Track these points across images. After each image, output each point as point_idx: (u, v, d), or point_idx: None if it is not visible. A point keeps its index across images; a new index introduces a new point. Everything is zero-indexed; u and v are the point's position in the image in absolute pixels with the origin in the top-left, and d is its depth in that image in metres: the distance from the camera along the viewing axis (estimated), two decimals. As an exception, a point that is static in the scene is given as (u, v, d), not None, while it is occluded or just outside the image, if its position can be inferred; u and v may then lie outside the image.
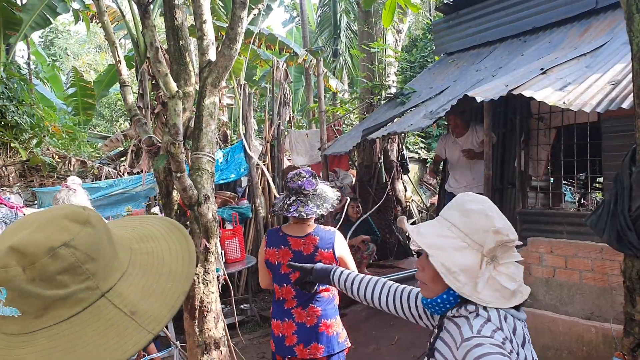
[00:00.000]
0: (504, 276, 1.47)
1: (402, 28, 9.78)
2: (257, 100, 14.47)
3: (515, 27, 6.81)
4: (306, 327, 3.33)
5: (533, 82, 4.51)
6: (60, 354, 0.82)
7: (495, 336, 1.39)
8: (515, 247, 1.53)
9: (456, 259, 1.49)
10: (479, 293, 1.46)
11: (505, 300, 1.47)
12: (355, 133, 6.95)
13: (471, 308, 1.49)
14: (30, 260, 0.84)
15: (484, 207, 1.55)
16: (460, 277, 1.47)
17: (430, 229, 1.59)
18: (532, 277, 5.04)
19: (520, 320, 1.51)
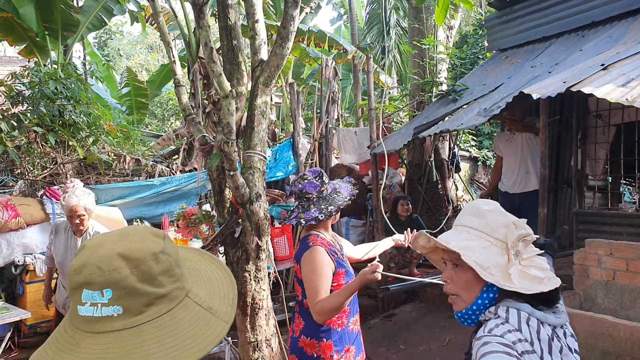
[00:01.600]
0: (532, 269, 1.51)
1: (454, 24, 9.61)
2: (305, 98, 14.54)
3: (572, 22, 6.57)
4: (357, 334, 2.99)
5: (593, 79, 4.34)
6: (170, 339, 0.99)
7: (507, 336, 1.41)
8: (532, 239, 1.58)
9: (486, 256, 1.53)
10: (515, 284, 1.48)
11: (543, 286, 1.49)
12: (406, 131, 6.87)
13: (492, 310, 1.52)
14: (137, 263, 1.00)
15: (496, 207, 1.62)
16: (493, 271, 1.51)
17: (452, 236, 1.63)
18: (590, 279, 4.87)
19: (554, 325, 1.50)
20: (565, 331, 1.54)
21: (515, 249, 1.53)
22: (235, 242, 3.87)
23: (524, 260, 1.52)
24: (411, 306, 6.89)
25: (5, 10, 8.27)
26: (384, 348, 5.68)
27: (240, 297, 3.83)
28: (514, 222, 1.55)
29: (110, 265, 0.99)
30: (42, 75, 8.10)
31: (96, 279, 0.98)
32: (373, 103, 6.83)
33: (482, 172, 13.96)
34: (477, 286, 1.57)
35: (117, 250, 1.01)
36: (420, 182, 8.94)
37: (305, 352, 2.81)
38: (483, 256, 1.53)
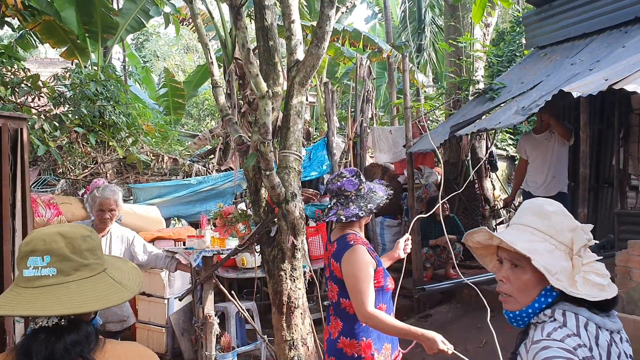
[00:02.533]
0: (592, 274, 1.47)
1: (491, 22, 9.47)
2: (340, 97, 14.54)
3: (614, 17, 6.39)
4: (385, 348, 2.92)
5: (637, 76, 4.22)
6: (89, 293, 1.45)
7: (567, 341, 1.38)
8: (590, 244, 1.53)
9: (552, 260, 1.50)
10: (580, 290, 1.45)
11: (605, 293, 1.46)
12: (442, 130, 6.81)
13: (548, 313, 1.49)
14: (70, 240, 1.48)
15: (560, 208, 1.58)
16: (561, 277, 1.48)
17: (516, 236, 1.57)
18: (634, 281, 4.74)
19: (612, 331, 1.47)
20: (622, 336, 1.50)
21: (578, 254, 1.51)
22: (271, 241, 3.90)
23: (584, 265, 1.49)
24: (447, 307, 6.82)
25: (47, 14, 8.52)
26: (420, 349, 5.63)
27: (276, 296, 3.85)
28: (582, 227, 1.53)
29: (51, 239, 1.45)
30: (83, 77, 8.32)
31: (40, 248, 1.44)
32: (409, 102, 6.79)
33: (519, 171, 13.71)
34: (535, 289, 1.53)
35: (57, 230, 1.49)
36: (457, 181, 8.84)
37: (345, 353, 2.80)
38: (550, 260, 1.50)
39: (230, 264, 6.52)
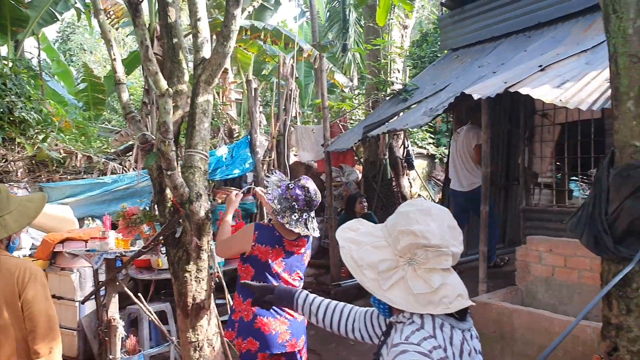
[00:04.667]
0: (418, 281, 1.45)
1: (408, 24, 9.71)
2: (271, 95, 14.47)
3: (520, 22, 6.72)
4: (297, 321, 3.40)
5: (531, 79, 4.45)
6: None
7: (424, 344, 1.39)
8: (449, 255, 1.47)
9: (369, 255, 1.49)
10: (385, 291, 1.45)
11: (420, 306, 1.44)
12: (358, 129, 6.93)
13: (407, 314, 1.48)
14: None
15: (413, 209, 1.52)
16: (366, 272, 1.48)
17: (368, 228, 1.60)
18: (532, 275, 5.00)
19: (463, 329, 1.49)
20: (472, 334, 1.55)
21: (407, 256, 1.47)
22: (176, 242, 3.84)
23: (419, 269, 1.46)
24: (363, 302, 6.95)
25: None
26: (334, 344, 5.73)
27: (180, 298, 3.80)
28: (411, 231, 1.47)
29: None
30: (-10, 72, 7.89)
31: None
32: (326, 102, 6.87)
33: (439, 169, 14.17)
34: None
35: None
36: (376, 179, 9.03)
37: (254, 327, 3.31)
38: (365, 254, 1.50)
39: (145, 264, 6.38)
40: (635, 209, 1.97)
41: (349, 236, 1.57)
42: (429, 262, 1.46)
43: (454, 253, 1.48)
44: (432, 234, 1.46)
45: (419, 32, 17.49)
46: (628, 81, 2.01)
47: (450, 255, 1.46)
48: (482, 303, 4.76)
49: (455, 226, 1.54)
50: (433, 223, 1.48)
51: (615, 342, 2.10)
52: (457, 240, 1.51)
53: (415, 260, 1.46)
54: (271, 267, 3.37)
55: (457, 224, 1.55)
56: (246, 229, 3.43)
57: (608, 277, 2.09)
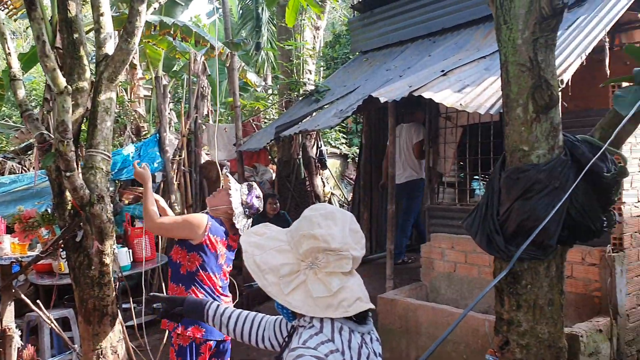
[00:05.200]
0: (318, 284, 1.45)
1: (320, 25, 9.81)
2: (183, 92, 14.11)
3: (425, 28, 6.97)
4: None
5: (434, 83, 4.64)
6: None
7: (320, 348, 1.40)
8: (349, 258, 1.48)
9: (271, 259, 1.50)
10: (286, 295, 1.46)
11: (320, 309, 1.44)
12: (271, 129, 6.94)
13: (307, 318, 1.49)
14: None
15: (316, 214, 1.54)
16: (268, 276, 1.48)
17: (274, 233, 1.61)
18: (435, 272, 5.21)
19: (363, 332, 1.52)
20: (372, 336, 1.58)
21: (309, 260, 1.48)
22: (77, 246, 3.68)
23: (319, 273, 1.46)
24: (273, 303, 6.96)
25: None
26: (245, 345, 5.69)
27: (82, 304, 3.65)
28: (313, 234, 1.47)
29: None
30: None
31: None
32: (238, 101, 6.83)
33: (352, 168, 14.43)
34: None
35: None
36: (289, 179, 9.07)
37: None
38: (268, 258, 1.51)
39: (46, 269, 6.05)
40: (524, 211, 2.10)
41: (253, 240, 1.57)
42: (329, 265, 1.46)
43: (354, 256, 1.49)
44: (333, 237, 1.47)
45: (331, 34, 17.73)
46: (517, 89, 2.14)
47: (350, 258, 1.48)
48: (389, 299, 4.90)
49: (357, 230, 1.56)
50: (335, 227, 1.49)
51: (506, 336, 2.23)
52: (359, 244, 1.53)
53: (316, 264, 1.47)
54: (217, 258, 3.43)
55: (359, 228, 1.58)
56: (199, 217, 3.43)
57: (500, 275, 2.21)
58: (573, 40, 4.59)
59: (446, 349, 4.45)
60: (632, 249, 4.51)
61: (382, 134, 7.73)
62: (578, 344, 3.86)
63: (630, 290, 4.46)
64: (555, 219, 2.05)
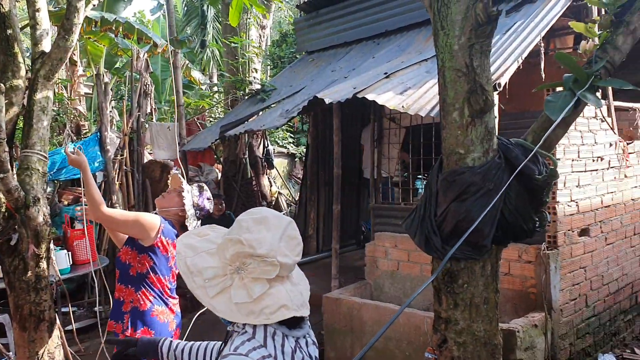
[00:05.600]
0: (241, 290, 1.44)
1: (266, 24, 9.79)
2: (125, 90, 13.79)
3: (370, 30, 7.06)
4: (179, 313, 3.48)
5: (377, 85, 4.72)
6: None
7: (252, 354, 1.40)
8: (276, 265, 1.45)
9: (201, 262, 1.49)
10: (211, 299, 1.44)
11: (241, 315, 1.43)
12: (215, 128, 6.87)
13: (240, 324, 1.48)
14: None
15: (248, 218, 1.52)
16: (196, 278, 1.47)
17: (214, 235, 1.59)
18: (379, 270, 5.30)
19: (297, 337, 1.52)
20: (307, 340, 1.58)
21: (235, 264, 1.46)
22: (11, 250, 3.54)
23: (245, 278, 1.45)
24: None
25: None
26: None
27: (17, 310, 3.52)
28: (239, 239, 1.45)
29: None
30: None
31: None
32: (181, 99, 6.73)
33: (300, 167, 14.47)
34: None
35: None
36: (236, 178, 9.01)
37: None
38: (198, 261, 1.49)
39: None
40: (460, 212, 2.17)
41: (189, 242, 1.54)
42: (255, 271, 1.45)
43: (282, 263, 1.46)
44: (260, 243, 1.45)
45: (278, 33, 17.70)
46: (454, 93, 2.20)
47: (277, 265, 1.45)
48: (334, 299, 4.95)
49: (294, 236, 1.53)
50: (267, 232, 1.47)
51: (444, 334, 2.29)
52: (293, 251, 1.51)
53: (244, 269, 1.45)
54: (168, 260, 3.35)
55: (297, 234, 1.55)
56: (152, 218, 3.28)
57: (438, 275, 2.27)
58: (510, 44, 4.75)
59: (389, 347, 4.54)
60: (566, 247, 4.71)
61: (328, 134, 7.79)
62: (515, 339, 4.01)
63: (563, 286, 4.66)
64: (489, 220, 2.12)
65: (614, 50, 2.27)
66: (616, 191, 5.44)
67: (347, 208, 8.38)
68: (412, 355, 4.34)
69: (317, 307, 5.29)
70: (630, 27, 2.26)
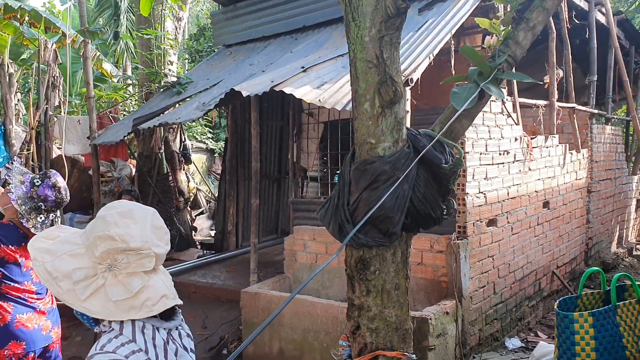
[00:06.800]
0: (118, 287, 1.40)
1: (182, 16, 9.56)
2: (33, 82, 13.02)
3: (288, 24, 7.07)
4: (54, 309, 3.31)
5: (295, 79, 4.73)
6: None
7: (120, 350, 1.36)
8: (152, 256, 1.43)
9: (64, 265, 1.41)
10: (83, 302, 1.38)
11: (121, 312, 1.39)
12: (128, 122, 6.64)
13: (106, 323, 1.43)
14: None
15: (112, 212, 1.46)
16: (62, 283, 1.39)
17: (68, 236, 1.51)
18: (298, 263, 5.32)
19: (169, 328, 1.50)
20: (181, 332, 1.55)
21: (107, 262, 1.40)
22: None
23: (119, 275, 1.40)
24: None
25: None
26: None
27: None
28: (109, 235, 1.40)
29: None
30: None
31: None
32: (92, 91, 6.46)
33: (219, 163, 14.28)
34: None
35: None
36: (151, 174, 8.75)
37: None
38: (61, 264, 1.41)
39: None
40: (371, 200, 2.21)
41: (43, 246, 1.45)
42: (130, 266, 1.41)
43: (157, 254, 1.44)
44: (132, 236, 1.41)
45: (196, 26, 17.35)
46: (365, 84, 2.24)
47: (153, 256, 1.43)
48: (252, 293, 4.92)
49: (160, 226, 1.52)
50: (134, 225, 1.43)
51: (357, 321, 2.33)
52: (163, 240, 1.49)
53: (116, 265, 1.41)
54: (21, 265, 3.15)
55: (162, 224, 1.54)
56: None
57: (350, 262, 2.31)
58: (422, 41, 4.90)
59: (307, 339, 4.57)
60: (475, 237, 4.93)
61: (247, 128, 7.73)
62: (427, 326, 4.15)
63: (473, 275, 4.87)
64: (399, 208, 2.18)
65: (516, 46, 2.39)
66: (521, 183, 5.74)
67: (267, 202, 8.37)
68: (330, 345, 4.39)
69: (236, 302, 5.25)
70: (530, 24, 2.39)
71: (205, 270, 6.95)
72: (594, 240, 7.85)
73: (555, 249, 6.57)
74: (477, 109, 2.39)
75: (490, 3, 5.68)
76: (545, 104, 6.46)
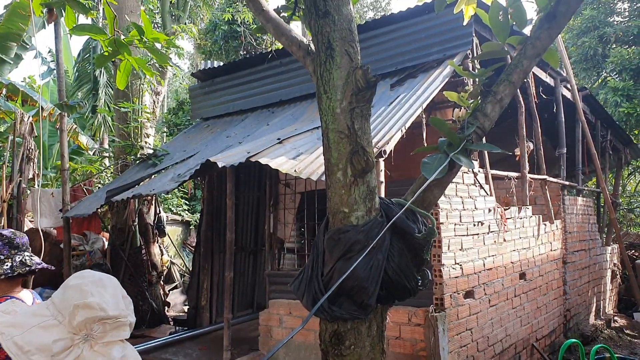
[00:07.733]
0: (97, 357, 1.37)
1: (161, 90, 9.72)
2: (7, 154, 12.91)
3: (265, 99, 7.23)
4: None
5: (271, 150, 4.77)
6: None
7: None
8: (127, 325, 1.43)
9: (36, 337, 1.36)
10: None
11: None
12: (101, 194, 6.57)
13: None
14: None
15: (84, 282, 1.44)
16: (34, 357, 1.34)
17: (30, 309, 1.49)
18: (273, 339, 5.17)
19: None
20: None
21: (84, 332, 1.38)
22: None
23: (96, 345, 1.38)
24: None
25: None
26: None
27: None
28: (87, 304, 1.38)
29: None
30: None
31: None
32: (66, 163, 6.42)
33: (194, 235, 14.11)
34: None
35: None
36: (124, 247, 8.58)
37: None
38: (32, 337, 1.35)
39: None
40: (345, 270, 2.17)
41: (5, 320, 1.40)
42: (106, 335, 1.39)
43: (130, 323, 1.45)
44: (109, 304, 1.40)
45: (175, 101, 17.61)
46: (337, 154, 2.26)
47: (128, 325, 1.43)
48: (225, 371, 4.74)
49: (126, 295, 1.52)
50: (107, 294, 1.43)
51: (329, 396, 2.23)
52: (130, 309, 1.49)
53: (92, 335, 1.38)
54: None
55: (126, 293, 1.53)
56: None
57: (325, 336, 2.24)
58: (395, 115, 5.01)
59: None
60: (452, 309, 4.86)
61: (223, 199, 7.70)
62: (406, 403, 4.01)
63: (451, 348, 4.77)
64: (373, 278, 2.14)
65: (484, 117, 2.45)
66: (497, 254, 5.75)
67: (243, 276, 8.21)
68: None
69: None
70: (497, 97, 2.46)
71: (177, 347, 6.69)
72: (572, 312, 7.81)
73: (534, 321, 6.51)
74: (447, 178, 2.42)
75: (460, 78, 5.88)
76: (517, 175, 6.58)
